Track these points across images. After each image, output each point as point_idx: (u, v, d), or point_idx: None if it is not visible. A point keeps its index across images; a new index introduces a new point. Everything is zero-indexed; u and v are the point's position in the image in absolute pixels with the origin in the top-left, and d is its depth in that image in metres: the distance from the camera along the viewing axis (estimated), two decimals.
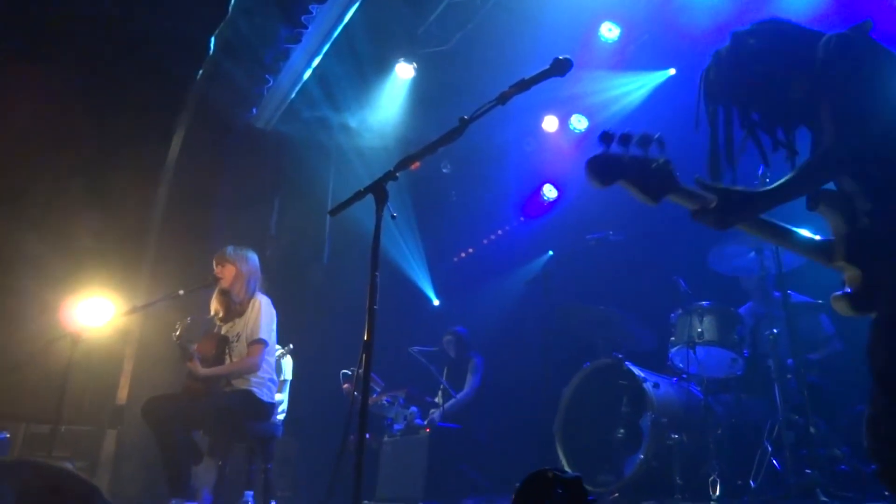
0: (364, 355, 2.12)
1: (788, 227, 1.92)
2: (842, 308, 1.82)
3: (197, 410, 3.86)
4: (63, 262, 5.44)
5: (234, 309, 4.21)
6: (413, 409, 5.64)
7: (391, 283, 7.15)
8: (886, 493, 2.73)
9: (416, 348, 6.17)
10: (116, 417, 5.59)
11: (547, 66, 2.27)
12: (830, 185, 1.94)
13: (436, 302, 7.98)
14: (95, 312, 4.54)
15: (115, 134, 5.83)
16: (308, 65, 6.23)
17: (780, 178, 1.88)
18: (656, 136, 1.78)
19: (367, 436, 5.92)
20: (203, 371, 3.95)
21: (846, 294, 1.79)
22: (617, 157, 1.74)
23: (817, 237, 1.91)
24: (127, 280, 5.63)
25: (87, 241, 5.63)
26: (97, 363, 5.38)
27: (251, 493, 4.04)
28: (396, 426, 5.54)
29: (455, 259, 8.19)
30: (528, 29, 5.69)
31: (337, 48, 6.07)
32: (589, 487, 4.06)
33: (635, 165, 1.75)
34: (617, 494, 3.94)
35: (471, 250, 8.11)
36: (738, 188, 1.81)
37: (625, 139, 1.75)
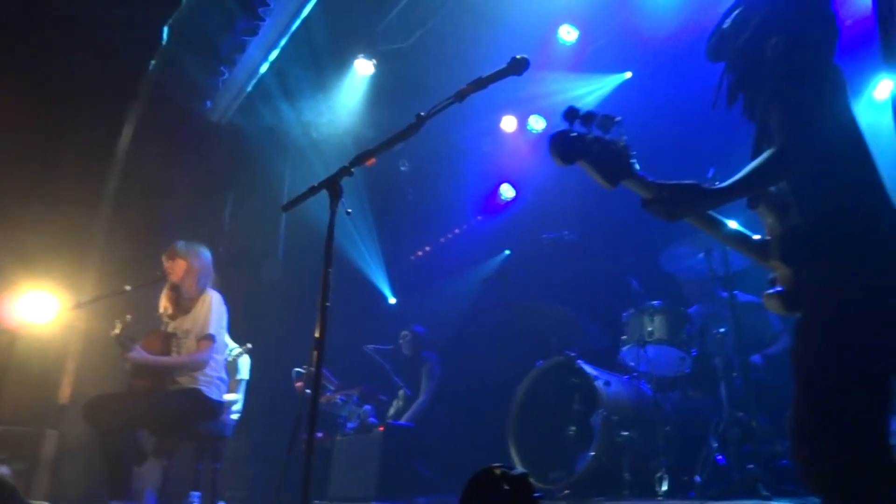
0: (316, 353, 2.10)
1: (730, 224, 1.96)
2: (774, 306, 1.85)
3: (142, 410, 3.75)
4: (4, 254, 5.23)
5: (183, 305, 4.10)
6: (367, 407, 5.60)
7: (347, 280, 7.08)
8: None
9: (371, 346, 6.13)
10: (58, 417, 5.40)
11: (504, 65, 2.28)
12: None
13: (392, 300, 7.95)
14: (38, 308, 4.38)
15: (62, 123, 5.64)
16: (265, 58, 6.14)
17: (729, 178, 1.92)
18: (618, 118, 1.78)
19: (320, 434, 5.88)
20: (147, 357, 3.82)
21: (778, 292, 1.82)
22: (580, 137, 1.73)
23: (756, 236, 1.95)
24: (73, 275, 5.45)
25: (30, 233, 5.43)
26: (38, 361, 5.20)
27: (198, 493, 3.96)
28: (350, 425, 5.50)
29: (412, 257, 8.16)
30: (487, 29, 5.71)
31: (295, 42, 5.99)
32: (541, 484, 4.10)
33: (597, 146, 1.73)
34: (568, 491, 3.98)
35: (428, 249, 8.10)
36: (690, 182, 1.79)
37: (587, 118, 1.73)
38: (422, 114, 2.31)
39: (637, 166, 1.78)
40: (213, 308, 4.05)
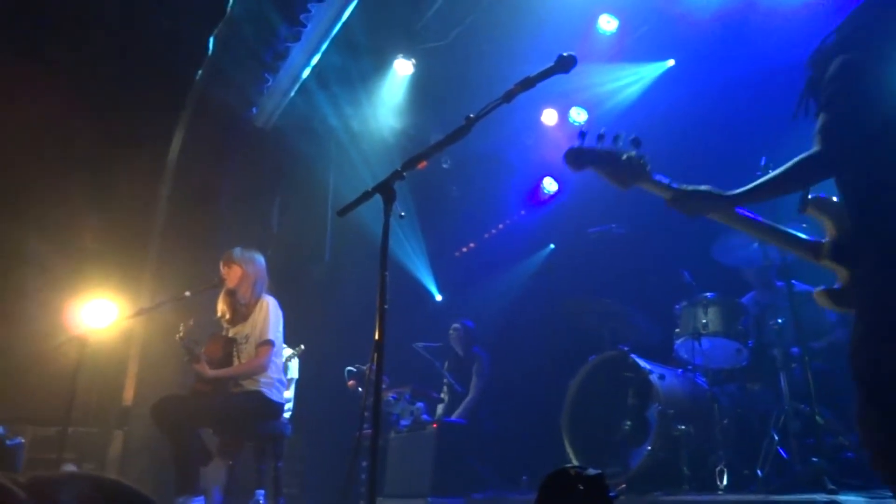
0: (376, 355, 2.13)
1: (774, 224, 2.00)
2: (821, 301, 1.93)
3: (207, 411, 3.89)
4: (66, 263, 5.45)
5: (241, 311, 4.21)
6: (419, 404, 5.66)
7: (393, 278, 7.04)
8: None
9: (420, 344, 6.18)
10: (122, 418, 5.61)
11: (552, 64, 2.27)
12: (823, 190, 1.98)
13: (438, 297, 7.99)
14: (99, 314, 4.55)
15: (115, 134, 5.83)
16: (307, 63, 6.23)
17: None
18: (632, 136, 2.06)
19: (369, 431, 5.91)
20: (211, 373, 3.97)
21: (827, 289, 1.90)
22: (590, 149, 2.09)
23: (803, 235, 1.99)
24: (130, 281, 5.65)
25: (89, 242, 5.64)
26: (102, 365, 5.40)
27: (262, 491, 4.07)
28: (403, 422, 5.56)
29: (457, 254, 8.19)
30: (526, 23, 5.69)
31: (335, 45, 6.06)
32: None
33: (606, 156, 2.07)
34: (624, 486, 3.96)
35: (472, 245, 8.12)
36: (703, 189, 1.96)
37: (600, 137, 2.08)
38: (471, 116, 2.32)
39: (652, 172, 2.03)
40: (271, 313, 4.15)
